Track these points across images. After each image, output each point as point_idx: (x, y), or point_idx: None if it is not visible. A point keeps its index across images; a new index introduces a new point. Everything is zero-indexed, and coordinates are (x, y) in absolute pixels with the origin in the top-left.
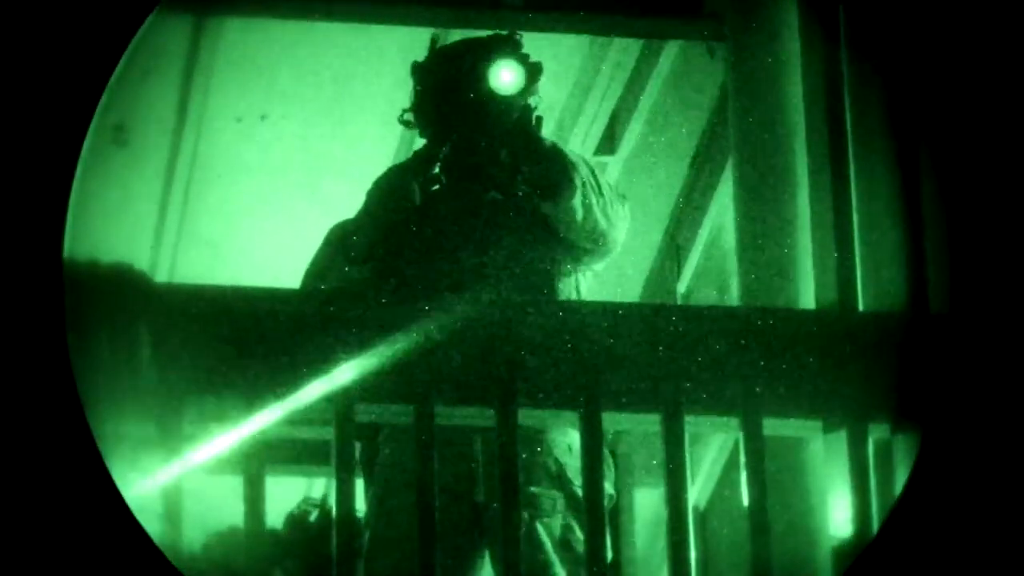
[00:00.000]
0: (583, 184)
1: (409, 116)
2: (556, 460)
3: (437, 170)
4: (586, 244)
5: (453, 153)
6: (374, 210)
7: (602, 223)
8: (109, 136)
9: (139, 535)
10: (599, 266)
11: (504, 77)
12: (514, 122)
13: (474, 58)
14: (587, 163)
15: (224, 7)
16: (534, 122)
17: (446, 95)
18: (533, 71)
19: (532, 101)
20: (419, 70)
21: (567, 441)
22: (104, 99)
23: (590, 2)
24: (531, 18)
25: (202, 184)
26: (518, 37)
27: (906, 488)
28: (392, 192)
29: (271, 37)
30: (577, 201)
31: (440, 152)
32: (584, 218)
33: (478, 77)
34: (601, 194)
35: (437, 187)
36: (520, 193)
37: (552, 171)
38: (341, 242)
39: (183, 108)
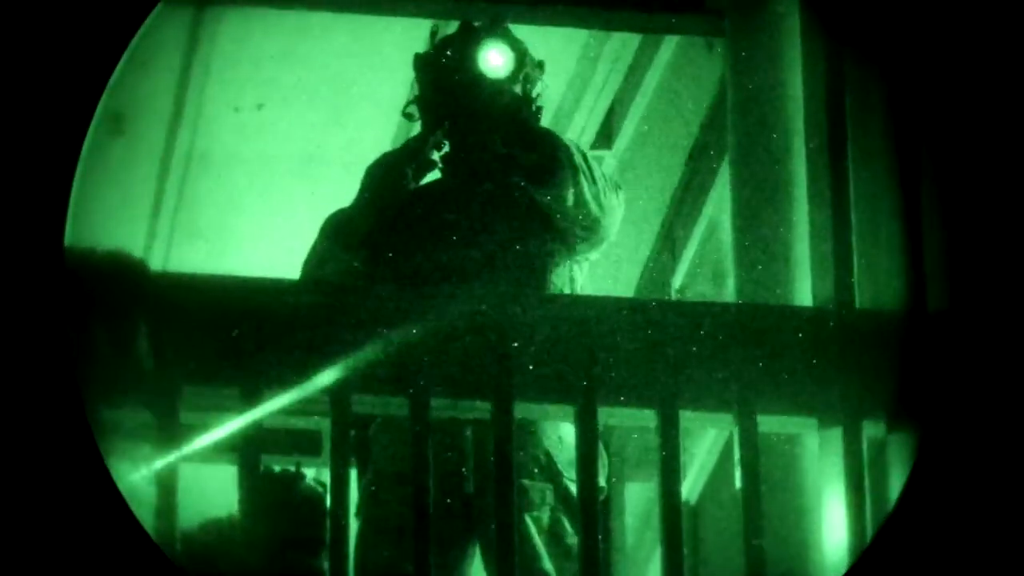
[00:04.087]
0: (575, 170)
1: (412, 109)
2: (546, 452)
3: (434, 156)
4: (578, 231)
5: (447, 138)
6: (369, 195)
7: (594, 210)
8: (106, 126)
9: (136, 531)
10: (593, 255)
11: (492, 61)
12: (504, 107)
13: (462, 42)
14: (580, 150)
15: None
16: (533, 110)
17: (439, 82)
18: (521, 56)
19: (533, 90)
20: (420, 62)
21: (557, 433)
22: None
23: None
24: (530, 12)
25: (198, 174)
26: (505, 24)
27: (904, 489)
28: (385, 176)
29: (270, 28)
30: (568, 187)
31: (432, 137)
32: (575, 204)
33: (466, 61)
34: (594, 181)
35: (431, 175)
36: (514, 182)
37: (543, 156)
38: (337, 229)
39: (181, 98)
